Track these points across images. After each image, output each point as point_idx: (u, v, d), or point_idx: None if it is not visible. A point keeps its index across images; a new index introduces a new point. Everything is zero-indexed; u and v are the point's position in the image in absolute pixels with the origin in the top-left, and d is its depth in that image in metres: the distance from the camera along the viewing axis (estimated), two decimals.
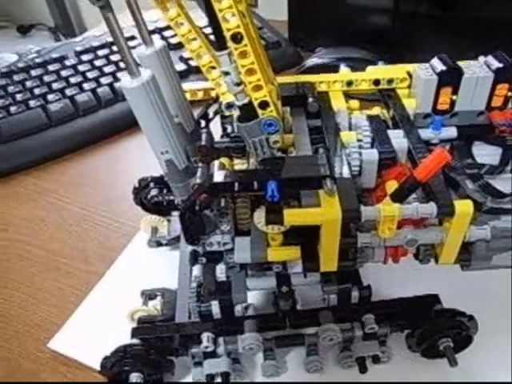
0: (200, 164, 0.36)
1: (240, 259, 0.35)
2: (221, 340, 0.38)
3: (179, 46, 0.73)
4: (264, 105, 0.31)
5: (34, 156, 0.63)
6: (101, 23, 0.90)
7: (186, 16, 0.32)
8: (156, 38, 0.77)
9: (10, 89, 0.67)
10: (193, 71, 0.71)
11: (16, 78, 0.69)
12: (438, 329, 0.37)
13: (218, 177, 0.32)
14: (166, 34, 0.77)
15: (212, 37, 0.29)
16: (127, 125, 0.67)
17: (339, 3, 0.74)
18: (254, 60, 0.29)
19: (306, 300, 0.39)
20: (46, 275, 0.50)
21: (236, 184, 0.31)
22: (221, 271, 0.38)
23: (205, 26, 0.74)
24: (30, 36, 1.20)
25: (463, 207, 0.32)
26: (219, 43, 0.29)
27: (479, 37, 0.65)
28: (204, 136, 0.37)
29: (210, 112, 0.41)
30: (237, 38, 0.28)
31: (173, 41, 0.75)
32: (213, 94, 0.41)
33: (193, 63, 0.72)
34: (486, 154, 0.39)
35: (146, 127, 0.31)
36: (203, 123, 0.41)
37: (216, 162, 0.34)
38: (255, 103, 0.31)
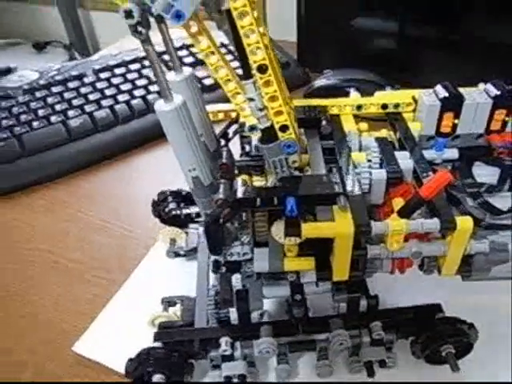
0: (222, 180, 0.38)
1: (259, 268, 0.37)
2: (238, 344, 0.40)
3: (194, 65, 0.76)
4: (284, 128, 0.34)
5: (55, 169, 0.66)
6: (116, 43, 0.93)
7: (216, 47, 0.35)
8: None
9: (33, 105, 0.70)
10: (206, 90, 0.74)
11: (38, 94, 0.72)
12: (440, 336, 0.39)
13: (241, 193, 0.35)
14: (180, 53, 0.80)
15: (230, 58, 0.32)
16: (143, 141, 0.70)
17: (347, 26, 0.77)
18: (277, 88, 0.32)
19: (318, 308, 0.41)
20: (69, 283, 0.52)
21: (258, 200, 0.34)
22: (236, 280, 0.40)
23: (221, 46, 0.77)
24: (45, 53, 1.23)
25: (464, 223, 0.35)
26: (245, 72, 0.32)
27: (484, 59, 0.67)
28: (225, 154, 0.40)
29: (230, 132, 0.44)
30: (262, 68, 0.31)
31: (186, 60, 0.79)
32: (233, 115, 0.44)
33: (206, 82, 0.75)
34: (485, 173, 0.42)
35: (176, 146, 0.33)
36: (223, 142, 0.44)
37: (239, 179, 0.37)
38: (276, 127, 0.34)
